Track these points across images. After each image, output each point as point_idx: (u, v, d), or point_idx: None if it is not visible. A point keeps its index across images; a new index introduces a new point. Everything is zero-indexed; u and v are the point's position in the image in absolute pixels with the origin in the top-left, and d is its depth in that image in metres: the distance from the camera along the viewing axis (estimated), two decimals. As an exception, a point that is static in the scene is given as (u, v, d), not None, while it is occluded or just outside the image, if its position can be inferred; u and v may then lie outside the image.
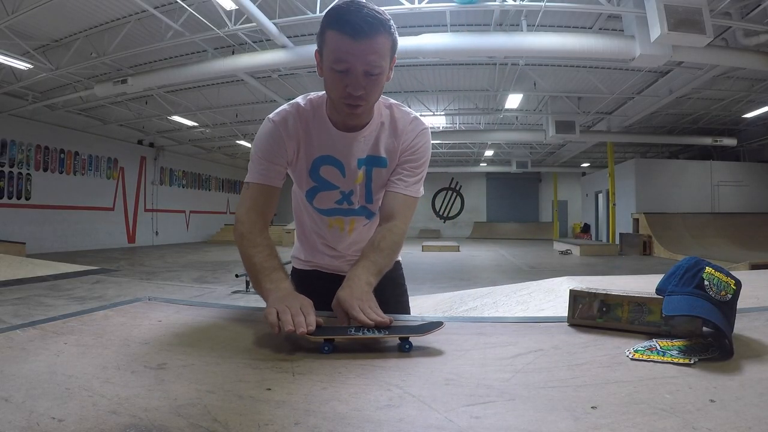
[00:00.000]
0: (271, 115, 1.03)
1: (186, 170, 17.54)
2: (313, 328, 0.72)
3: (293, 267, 1.29)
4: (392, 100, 1.09)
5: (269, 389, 0.55)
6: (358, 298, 0.81)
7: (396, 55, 0.97)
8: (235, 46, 7.82)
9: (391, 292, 1.20)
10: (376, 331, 0.73)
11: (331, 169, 1.05)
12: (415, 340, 0.72)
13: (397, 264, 1.27)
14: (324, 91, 1.02)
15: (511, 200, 23.39)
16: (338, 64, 0.89)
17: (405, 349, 0.70)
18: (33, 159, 11.33)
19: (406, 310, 1.28)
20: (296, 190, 1.14)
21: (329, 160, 1.04)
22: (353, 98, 0.91)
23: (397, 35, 0.94)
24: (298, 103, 1.04)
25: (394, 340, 0.73)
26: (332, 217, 1.12)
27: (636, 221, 13.13)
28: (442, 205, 23.33)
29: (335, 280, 1.11)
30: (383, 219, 1.04)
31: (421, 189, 1.09)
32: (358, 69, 0.88)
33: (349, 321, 0.78)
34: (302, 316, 0.73)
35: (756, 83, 9.71)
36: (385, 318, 0.76)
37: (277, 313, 0.74)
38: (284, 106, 1.04)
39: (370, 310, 0.78)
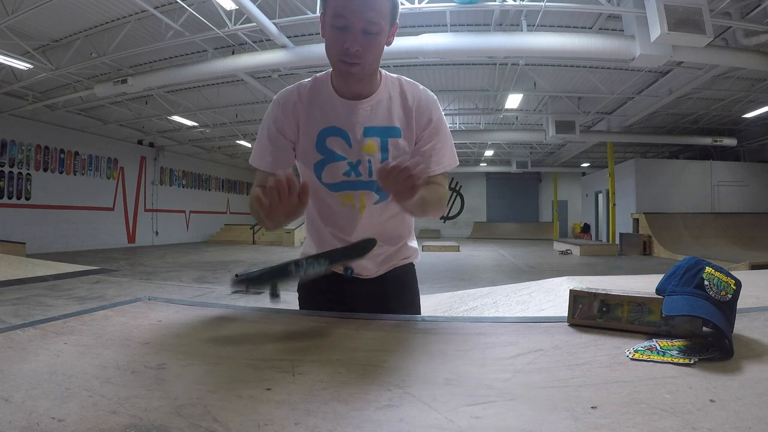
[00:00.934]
0: (276, 95, 1.08)
1: (186, 170, 17.53)
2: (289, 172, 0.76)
3: None
4: (396, 75, 1.09)
5: (269, 389, 0.55)
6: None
7: (398, 21, 0.99)
8: (235, 46, 7.82)
9: (405, 296, 1.20)
10: (320, 262, 0.79)
11: (336, 140, 1.04)
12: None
13: (411, 267, 1.25)
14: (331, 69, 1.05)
15: (511, 200, 23.38)
16: (337, 20, 0.91)
17: (348, 274, 0.72)
18: (33, 159, 11.32)
19: (417, 312, 1.25)
20: (303, 172, 1.13)
21: (334, 131, 1.04)
22: (350, 55, 0.92)
23: (397, 1, 0.96)
24: (300, 82, 1.08)
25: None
26: (341, 192, 1.09)
27: (636, 221, 13.12)
28: (442, 205, 23.32)
29: (346, 280, 1.09)
30: None
31: (455, 157, 1.10)
32: (356, 25, 0.90)
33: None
34: (283, 188, 0.75)
35: (756, 83, 9.70)
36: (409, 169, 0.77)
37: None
38: (289, 86, 1.08)
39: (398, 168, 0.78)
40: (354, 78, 0.98)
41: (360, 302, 1.09)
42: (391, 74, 1.09)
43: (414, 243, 1.30)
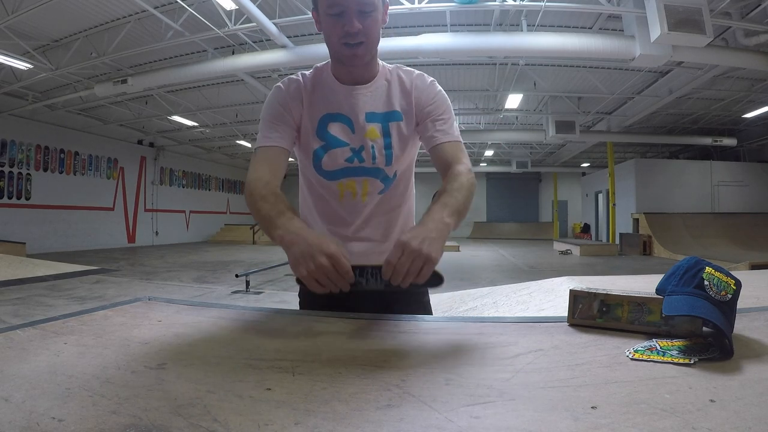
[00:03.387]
0: (277, 84, 1.08)
1: (186, 170, 17.54)
2: (352, 279, 0.73)
3: None
4: (395, 65, 1.11)
5: (269, 389, 0.55)
6: (417, 237, 0.76)
7: (388, 1, 1.01)
8: (235, 46, 7.83)
9: (413, 299, 1.14)
10: (379, 281, 0.73)
11: (339, 126, 1.04)
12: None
13: None
14: (329, 60, 1.06)
15: (511, 200, 23.39)
16: (332, 8, 0.94)
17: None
18: (33, 159, 11.33)
19: (428, 310, 1.19)
20: (302, 169, 1.11)
21: (336, 117, 1.04)
22: (351, 36, 0.94)
23: None
24: (302, 72, 1.09)
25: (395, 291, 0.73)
26: (341, 180, 1.06)
27: (636, 221, 13.13)
28: (442, 205, 23.30)
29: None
30: (442, 172, 1.01)
31: (459, 133, 1.07)
32: (352, 8, 0.93)
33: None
34: (336, 273, 0.73)
35: (756, 83, 9.71)
36: (405, 283, 0.73)
37: (308, 272, 0.74)
38: (289, 75, 1.09)
39: (404, 265, 0.73)
40: (359, 60, 0.99)
41: (364, 305, 1.02)
42: (389, 64, 1.10)
43: None
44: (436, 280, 0.71)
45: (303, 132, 1.06)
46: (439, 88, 1.09)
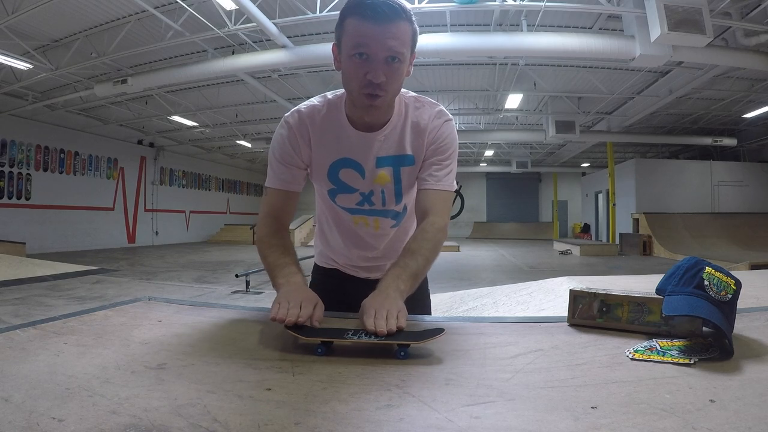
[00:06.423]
0: (286, 115, 1.03)
1: (186, 170, 17.53)
2: (302, 320, 0.74)
3: (315, 264, 1.27)
4: (412, 93, 1.05)
5: (269, 389, 0.55)
6: (379, 305, 0.78)
7: (415, 51, 0.94)
8: (235, 46, 7.82)
9: (415, 297, 1.15)
10: (373, 336, 0.71)
11: (350, 172, 1.02)
12: (413, 347, 0.69)
13: None
14: (342, 90, 1.00)
15: (511, 200, 23.38)
16: (357, 49, 0.86)
17: (400, 356, 0.67)
18: (33, 159, 11.32)
19: (427, 312, 1.24)
20: (319, 191, 1.11)
21: (348, 163, 1.01)
22: (373, 86, 0.87)
23: (417, 27, 0.92)
24: (313, 104, 1.02)
25: (391, 345, 0.70)
26: (356, 216, 1.10)
27: (636, 221, 13.12)
28: (442, 205, 23.31)
29: (359, 282, 1.10)
30: (418, 219, 1.01)
31: (454, 182, 1.04)
32: (379, 55, 0.86)
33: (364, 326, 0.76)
34: (298, 310, 0.75)
35: (756, 83, 9.70)
36: (392, 327, 0.72)
37: (279, 306, 0.77)
38: (300, 107, 1.02)
39: (381, 318, 0.74)
40: (376, 110, 0.94)
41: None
42: (407, 93, 1.04)
43: None
44: (435, 332, 0.71)
45: (314, 169, 1.04)
46: (451, 129, 1.04)
